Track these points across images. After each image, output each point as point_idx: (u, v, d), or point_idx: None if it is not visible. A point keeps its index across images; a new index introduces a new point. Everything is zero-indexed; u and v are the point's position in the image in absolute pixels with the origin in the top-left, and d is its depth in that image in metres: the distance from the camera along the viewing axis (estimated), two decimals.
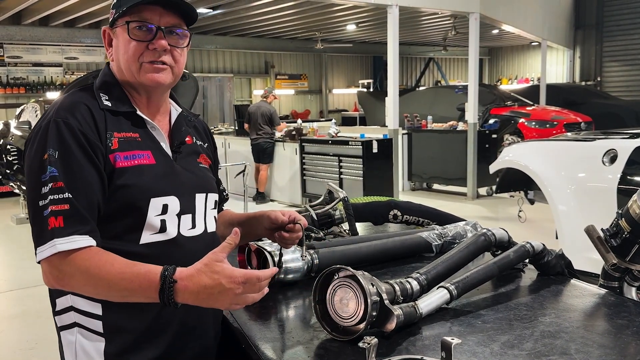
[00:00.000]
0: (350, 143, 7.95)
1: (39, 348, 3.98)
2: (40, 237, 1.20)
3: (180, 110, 1.51)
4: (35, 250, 1.21)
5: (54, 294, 1.36)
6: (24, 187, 7.69)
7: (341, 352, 1.24)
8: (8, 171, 8.09)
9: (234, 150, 9.82)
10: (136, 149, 1.33)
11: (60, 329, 1.36)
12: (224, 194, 1.64)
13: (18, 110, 8.71)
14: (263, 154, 8.98)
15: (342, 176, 7.95)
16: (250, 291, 1.15)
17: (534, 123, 10.13)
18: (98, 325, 1.30)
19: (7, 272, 6.02)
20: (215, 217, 1.49)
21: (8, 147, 7.96)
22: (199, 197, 1.42)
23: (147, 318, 1.32)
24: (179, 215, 1.35)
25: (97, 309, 1.30)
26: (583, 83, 16.35)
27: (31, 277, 5.58)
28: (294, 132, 9.01)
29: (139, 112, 1.38)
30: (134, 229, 1.30)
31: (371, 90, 16.65)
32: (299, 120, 10.16)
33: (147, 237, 1.31)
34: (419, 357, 1.18)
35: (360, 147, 7.72)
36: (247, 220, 1.60)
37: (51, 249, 1.18)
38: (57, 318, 1.36)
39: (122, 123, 1.34)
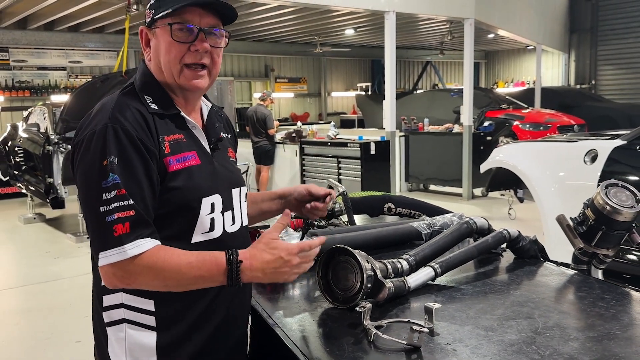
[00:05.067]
0: (348, 145, 8.17)
1: (54, 338, 4.20)
2: (105, 242, 1.23)
3: (210, 105, 1.54)
4: (98, 254, 1.24)
5: (102, 291, 1.37)
6: (31, 188, 7.91)
7: (340, 317, 1.46)
8: (16, 172, 8.31)
9: None
10: (184, 151, 1.36)
11: (107, 324, 1.38)
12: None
13: (26, 112, 8.92)
14: (265, 156, 9.20)
15: (340, 177, 8.17)
16: (304, 260, 1.34)
17: (528, 125, 10.36)
18: (150, 320, 1.35)
19: (19, 268, 6.24)
20: (246, 209, 1.57)
21: (16, 149, 8.19)
22: (235, 192, 1.48)
23: (199, 308, 1.38)
24: (222, 213, 1.42)
25: (149, 305, 1.35)
26: (578, 86, 16.60)
27: (42, 274, 5.81)
28: (294, 135, 9.23)
29: (182, 114, 1.41)
30: (186, 229, 1.36)
31: (369, 93, 16.87)
32: (299, 123, 10.39)
33: (197, 237, 1.37)
34: (406, 320, 1.41)
35: (359, 148, 7.95)
36: (279, 197, 1.78)
37: (120, 254, 1.22)
38: (105, 314, 1.38)
39: (169, 125, 1.37)
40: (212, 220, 1.39)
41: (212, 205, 1.39)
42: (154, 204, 1.30)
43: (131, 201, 1.24)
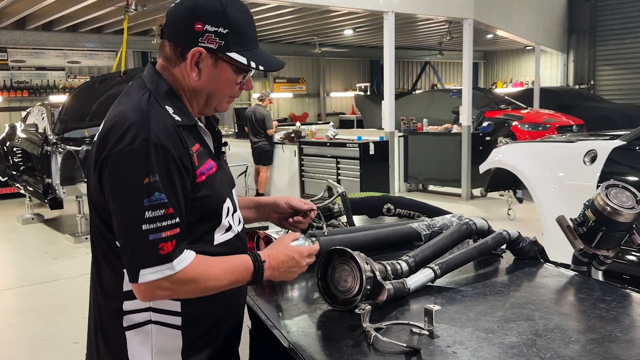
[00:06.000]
0: (347, 145, 8.17)
1: (53, 339, 4.19)
2: (149, 260, 1.25)
3: None
4: (138, 270, 1.25)
5: (123, 297, 1.37)
6: (29, 188, 7.89)
7: (340, 319, 1.45)
8: (14, 172, 8.30)
9: (234, 153, 10.03)
10: (206, 160, 1.40)
11: (126, 328, 1.38)
12: None
13: (24, 113, 8.91)
14: (263, 156, 9.19)
15: (339, 177, 8.17)
16: (310, 261, 1.51)
17: (526, 126, 10.37)
18: (176, 320, 1.38)
19: (18, 269, 6.22)
20: None
21: (14, 149, 8.17)
22: (234, 193, 1.54)
23: (223, 304, 1.45)
24: (233, 214, 1.49)
25: (175, 306, 1.38)
26: (576, 86, 16.61)
27: (40, 274, 5.80)
28: (293, 135, 9.22)
29: (199, 124, 1.44)
30: (211, 232, 1.42)
31: (368, 93, 16.87)
32: (298, 123, 10.38)
33: (218, 238, 1.43)
34: (405, 322, 1.40)
35: (358, 149, 7.94)
36: (255, 207, 1.79)
37: (169, 269, 1.26)
38: (125, 318, 1.37)
39: (190, 136, 1.38)
40: (230, 222, 1.47)
41: (228, 208, 1.46)
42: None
43: (177, 219, 1.28)
